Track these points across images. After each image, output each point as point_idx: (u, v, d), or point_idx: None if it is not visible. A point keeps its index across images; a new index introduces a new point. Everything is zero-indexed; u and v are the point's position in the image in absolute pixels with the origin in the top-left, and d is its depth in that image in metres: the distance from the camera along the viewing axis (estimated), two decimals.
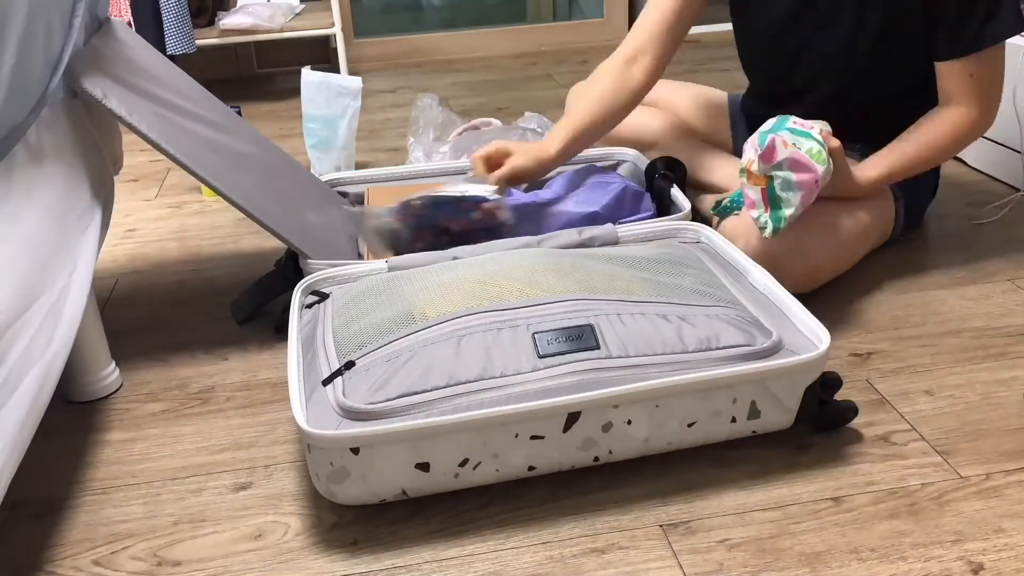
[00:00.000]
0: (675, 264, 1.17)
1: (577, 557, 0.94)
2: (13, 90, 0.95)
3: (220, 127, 1.34)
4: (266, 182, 1.36)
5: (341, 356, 1.01)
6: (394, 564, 0.94)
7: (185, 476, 1.09)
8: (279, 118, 2.57)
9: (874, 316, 1.37)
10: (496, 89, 2.76)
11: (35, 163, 1.01)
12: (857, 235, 1.41)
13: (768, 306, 1.13)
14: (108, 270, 1.64)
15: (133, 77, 1.21)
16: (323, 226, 1.40)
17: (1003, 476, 1.03)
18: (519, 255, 1.15)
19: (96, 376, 1.25)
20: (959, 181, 1.84)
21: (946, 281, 1.46)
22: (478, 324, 1.01)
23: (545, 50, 3.23)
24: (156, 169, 2.15)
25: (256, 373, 1.30)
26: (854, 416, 1.11)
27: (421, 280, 1.12)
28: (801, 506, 0.99)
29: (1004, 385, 1.19)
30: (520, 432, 0.96)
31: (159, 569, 0.95)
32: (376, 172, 1.62)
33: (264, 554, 0.97)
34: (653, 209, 1.47)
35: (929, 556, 0.92)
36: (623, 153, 1.65)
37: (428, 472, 0.96)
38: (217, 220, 1.83)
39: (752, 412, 1.03)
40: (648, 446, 1.02)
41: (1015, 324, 1.33)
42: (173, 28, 2.45)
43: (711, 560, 0.92)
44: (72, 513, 1.04)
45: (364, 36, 3.16)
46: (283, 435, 1.16)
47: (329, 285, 1.22)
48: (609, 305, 1.04)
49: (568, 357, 0.99)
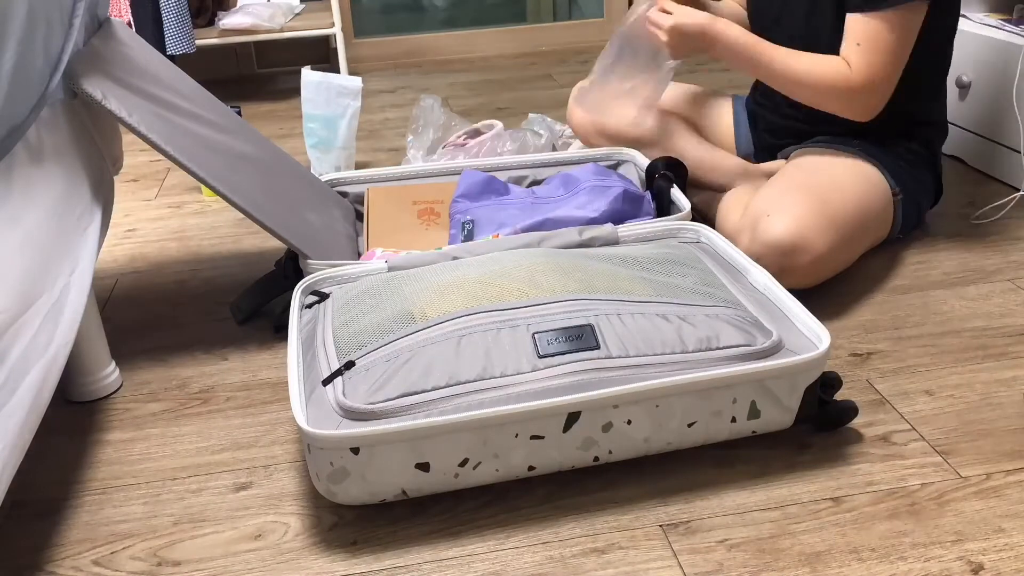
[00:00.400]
0: (675, 264, 1.17)
1: (577, 557, 0.94)
2: (13, 90, 0.95)
3: (220, 127, 1.34)
4: (266, 182, 1.36)
5: (341, 356, 1.01)
6: (394, 564, 0.94)
7: (185, 476, 1.09)
8: (279, 118, 2.57)
9: (874, 316, 1.37)
10: (496, 89, 2.76)
11: (35, 163, 1.00)
12: (858, 229, 1.41)
13: (768, 306, 1.13)
14: (108, 270, 1.64)
15: (132, 77, 1.21)
16: (323, 226, 1.40)
17: (1003, 476, 1.03)
18: (519, 255, 1.15)
19: (96, 376, 1.25)
20: (959, 181, 1.84)
21: (946, 281, 1.46)
22: (478, 324, 1.01)
23: (545, 50, 3.23)
24: (156, 169, 2.15)
25: (256, 373, 1.30)
26: (854, 416, 1.11)
27: (421, 280, 1.12)
28: (801, 506, 0.99)
29: (1004, 385, 1.19)
30: (520, 432, 0.96)
31: (159, 569, 0.95)
32: (376, 172, 1.62)
33: (264, 554, 0.97)
34: (653, 212, 1.47)
35: (929, 556, 0.92)
36: (623, 153, 1.65)
37: (428, 472, 0.96)
38: (217, 220, 1.83)
39: (752, 412, 1.03)
40: (648, 446, 1.02)
41: (1015, 324, 1.33)
42: (173, 28, 2.45)
43: (711, 560, 0.92)
44: (72, 513, 1.04)
45: (364, 36, 3.16)
46: (283, 435, 1.16)
47: (329, 285, 1.22)
48: (609, 305, 1.04)
49: (568, 357, 0.99)
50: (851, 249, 1.42)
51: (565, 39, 3.28)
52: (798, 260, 1.32)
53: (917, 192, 1.53)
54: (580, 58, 3.09)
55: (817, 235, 1.33)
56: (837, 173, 1.42)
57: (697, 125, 1.73)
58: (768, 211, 1.34)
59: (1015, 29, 1.78)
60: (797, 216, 1.32)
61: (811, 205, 1.34)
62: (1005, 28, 1.80)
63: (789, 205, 1.33)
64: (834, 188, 1.39)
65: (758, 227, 1.33)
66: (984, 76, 1.81)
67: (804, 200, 1.34)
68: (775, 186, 1.40)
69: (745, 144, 1.71)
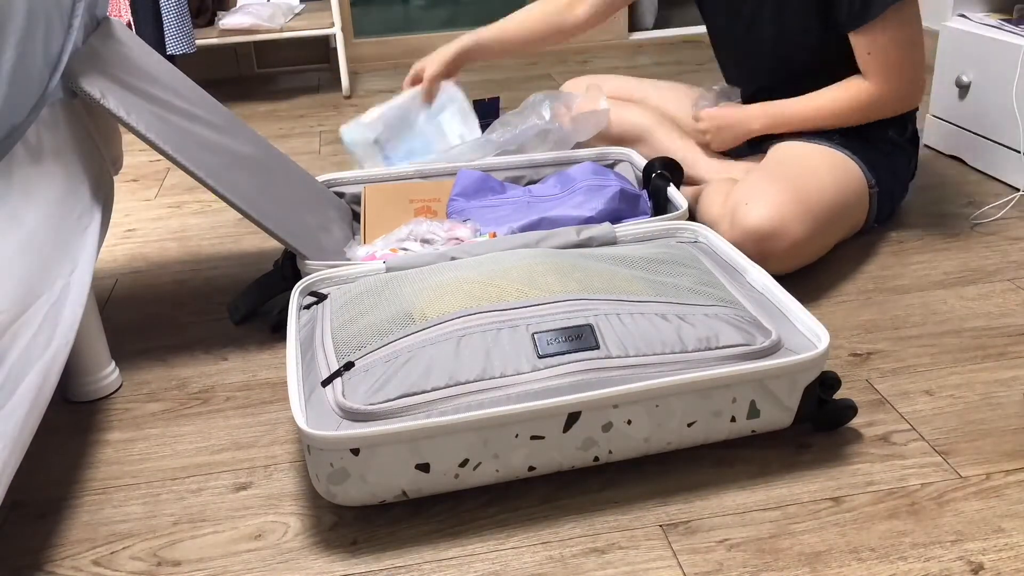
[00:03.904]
0: (674, 264, 1.17)
1: (577, 557, 0.94)
2: (13, 90, 0.95)
3: (218, 128, 1.34)
4: (264, 183, 1.36)
5: (340, 357, 1.01)
6: (394, 564, 0.94)
7: (185, 476, 1.09)
8: (279, 118, 2.57)
9: (874, 316, 1.37)
10: (496, 89, 2.75)
11: (35, 163, 1.00)
12: (834, 217, 1.45)
13: (767, 305, 1.13)
14: (108, 270, 1.64)
15: (131, 77, 1.21)
16: (321, 227, 1.41)
17: (1003, 476, 1.03)
18: (518, 255, 1.15)
19: (96, 376, 1.25)
20: (959, 181, 1.84)
21: (946, 281, 1.46)
22: (477, 324, 1.01)
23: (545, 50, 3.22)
24: (156, 169, 2.15)
25: (256, 373, 1.30)
26: (854, 415, 1.11)
27: (420, 281, 1.12)
28: (801, 506, 0.99)
29: (1004, 385, 1.19)
30: (520, 432, 0.96)
31: (159, 569, 0.95)
32: (375, 172, 1.62)
33: (264, 554, 0.97)
34: (649, 211, 1.47)
35: (929, 556, 0.92)
36: (620, 152, 1.65)
37: (428, 473, 0.96)
38: (217, 220, 1.83)
39: (752, 411, 1.03)
40: (648, 446, 1.02)
41: (1015, 324, 1.33)
42: (173, 28, 2.45)
43: (711, 560, 0.92)
44: (72, 513, 1.04)
45: (364, 36, 3.16)
46: (283, 435, 1.16)
47: (327, 286, 1.22)
48: (608, 305, 1.04)
49: (568, 357, 0.99)
50: (827, 236, 1.47)
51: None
52: (776, 246, 1.36)
53: (892, 184, 1.57)
54: (580, 58, 3.09)
55: (794, 221, 1.37)
56: (815, 164, 1.47)
57: (678, 116, 1.75)
58: (747, 199, 1.38)
59: (1015, 29, 1.78)
60: (775, 203, 1.37)
61: (789, 193, 1.38)
62: (1005, 28, 1.79)
63: (767, 193, 1.38)
64: (812, 177, 1.43)
65: (737, 214, 1.37)
66: (984, 76, 1.81)
67: (782, 188, 1.39)
68: (754, 176, 1.45)
69: None
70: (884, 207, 1.58)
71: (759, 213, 1.36)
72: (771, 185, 1.40)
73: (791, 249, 1.38)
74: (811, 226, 1.39)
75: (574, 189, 1.47)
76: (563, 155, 1.65)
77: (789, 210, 1.37)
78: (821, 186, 1.43)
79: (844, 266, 1.51)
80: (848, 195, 1.47)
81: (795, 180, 1.41)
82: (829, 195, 1.43)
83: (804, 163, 1.46)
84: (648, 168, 1.53)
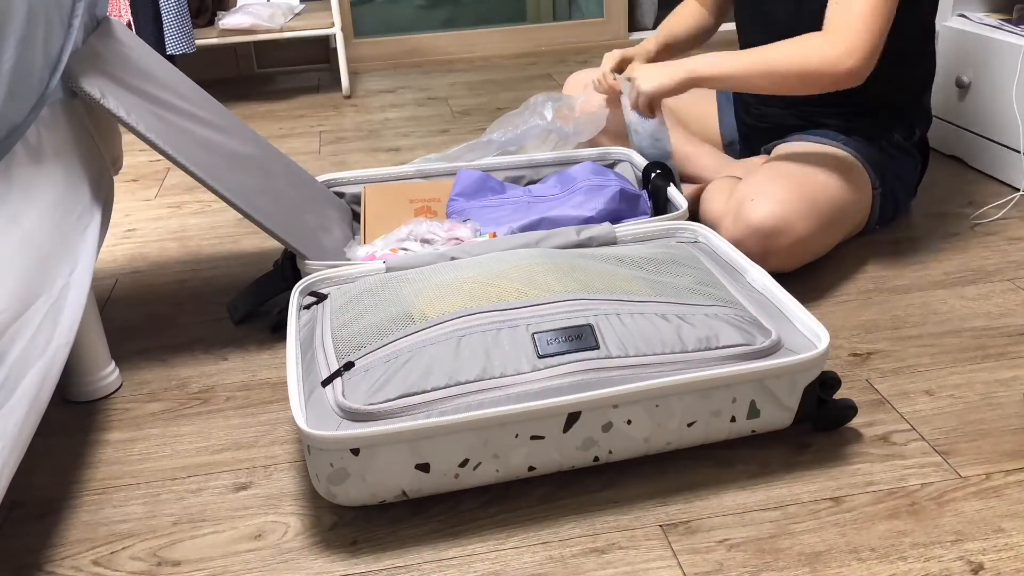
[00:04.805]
0: (673, 264, 1.17)
1: (577, 557, 0.94)
2: (13, 90, 0.95)
3: (218, 127, 1.34)
4: (263, 183, 1.36)
5: (340, 357, 1.01)
6: (394, 564, 0.94)
7: (185, 476, 1.09)
8: (278, 118, 2.57)
9: (874, 316, 1.37)
10: (496, 89, 2.76)
11: (35, 163, 1.00)
12: (838, 216, 1.45)
13: (767, 305, 1.13)
14: (108, 270, 1.64)
15: (131, 77, 1.21)
16: (320, 227, 1.40)
17: (1003, 476, 1.03)
18: (518, 255, 1.15)
19: (96, 376, 1.25)
20: (959, 181, 1.84)
21: (946, 281, 1.46)
22: (477, 324, 1.01)
23: (545, 50, 3.23)
24: (156, 169, 2.15)
25: (256, 373, 1.30)
26: (853, 415, 1.11)
27: (420, 281, 1.12)
28: (801, 506, 0.99)
29: (1004, 385, 1.19)
30: (520, 432, 0.96)
31: (159, 569, 0.95)
32: (375, 172, 1.62)
33: (264, 554, 0.97)
34: (649, 211, 1.47)
35: (929, 556, 0.92)
36: (620, 152, 1.65)
37: (428, 473, 0.96)
38: (217, 220, 1.83)
39: (752, 411, 1.03)
40: (648, 446, 1.02)
41: (1015, 324, 1.33)
42: (173, 28, 2.45)
43: (711, 560, 0.92)
44: (72, 513, 1.04)
45: (364, 36, 3.16)
46: (283, 435, 1.16)
47: (327, 286, 1.22)
48: (608, 305, 1.04)
49: (568, 357, 0.99)
50: (831, 235, 1.47)
51: (565, 39, 3.28)
52: (779, 242, 1.37)
53: (895, 187, 1.57)
54: (580, 58, 3.09)
55: (798, 219, 1.37)
56: (820, 163, 1.46)
57: (681, 113, 1.74)
58: (752, 196, 1.38)
59: (1015, 29, 1.78)
60: (780, 200, 1.37)
61: (794, 191, 1.39)
62: (1005, 28, 1.79)
63: (772, 190, 1.38)
64: (816, 176, 1.43)
65: (741, 210, 1.37)
66: (984, 76, 1.81)
67: (787, 186, 1.39)
68: (760, 173, 1.44)
69: (729, 131, 1.74)
70: (887, 209, 1.57)
71: (764, 209, 1.36)
72: (776, 182, 1.40)
73: (794, 246, 1.38)
74: (815, 224, 1.39)
75: (574, 189, 1.47)
76: (563, 155, 1.65)
77: (794, 207, 1.37)
78: (826, 185, 1.43)
79: (844, 266, 1.51)
80: (852, 194, 1.47)
81: (800, 178, 1.41)
82: (834, 194, 1.43)
83: (809, 162, 1.46)
84: (648, 168, 1.53)
